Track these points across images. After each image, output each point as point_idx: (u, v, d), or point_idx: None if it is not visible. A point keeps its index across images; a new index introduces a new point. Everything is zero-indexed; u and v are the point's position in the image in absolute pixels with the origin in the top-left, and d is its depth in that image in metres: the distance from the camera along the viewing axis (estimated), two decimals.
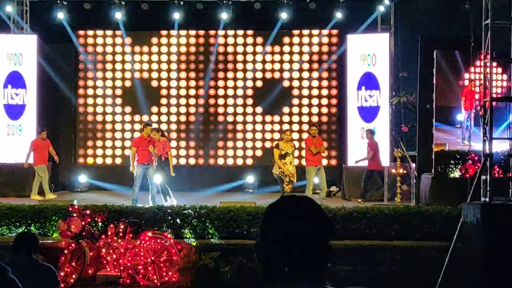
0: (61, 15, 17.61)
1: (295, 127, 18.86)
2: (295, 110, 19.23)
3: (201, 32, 19.42)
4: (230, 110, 19.34)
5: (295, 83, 19.28)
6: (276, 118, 19.22)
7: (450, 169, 14.48)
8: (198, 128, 19.43)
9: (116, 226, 11.73)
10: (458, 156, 14.47)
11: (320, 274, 2.19)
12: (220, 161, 19.38)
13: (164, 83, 19.47)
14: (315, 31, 19.02)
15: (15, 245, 5.76)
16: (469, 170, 13.97)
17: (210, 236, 12.44)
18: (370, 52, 16.89)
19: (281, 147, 15.05)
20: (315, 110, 19.18)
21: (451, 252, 10.97)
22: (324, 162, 16.79)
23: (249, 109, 19.34)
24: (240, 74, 19.36)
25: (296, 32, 19.14)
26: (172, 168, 15.50)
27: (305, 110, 19.20)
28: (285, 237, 2.17)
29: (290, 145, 15.22)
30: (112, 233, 11.59)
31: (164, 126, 18.74)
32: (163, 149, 15.42)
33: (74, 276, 11.04)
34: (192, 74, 19.47)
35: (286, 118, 19.18)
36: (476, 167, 13.24)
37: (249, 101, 19.34)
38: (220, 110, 19.43)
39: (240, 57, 19.37)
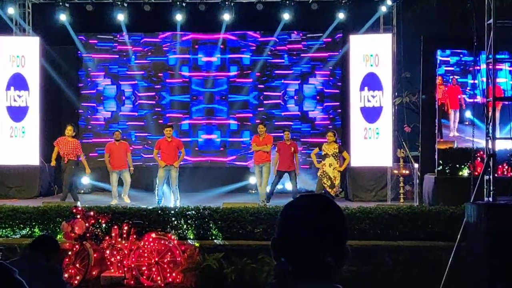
0: (63, 17, 17.62)
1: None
2: (298, 111, 19.28)
3: (204, 34, 19.46)
4: (233, 110, 19.39)
5: (298, 84, 19.32)
6: (279, 118, 19.25)
7: (459, 167, 14.45)
8: (201, 129, 19.46)
9: (120, 228, 11.73)
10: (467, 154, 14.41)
11: (331, 274, 2.18)
12: (223, 162, 19.40)
13: (166, 84, 19.51)
14: (318, 32, 19.07)
15: (32, 244, 5.77)
16: (477, 168, 13.90)
17: (213, 237, 12.44)
18: (372, 52, 16.87)
19: (323, 147, 14.97)
20: (317, 110, 19.22)
21: (455, 252, 10.95)
22: None
23: (252, 110, 19.37)
24: (242, 75, 19.39)
25: (298, 32, 19.18)
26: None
27: (308, 111, 19.24)
28: (298, 236, 2.16)
29: (333, 146, 15.03)
30: (116, 235, 11.59)
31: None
32: (73, 150, 15.28)
33: (78, 278, 11.05)
34: (194, 75, 19.50)
35: (288, 119, 19.20)
36: None
37: (252, 101, 19.37)
38: (223, 110, 19.46)
39: (242, 58, 19.41)
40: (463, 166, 14.43)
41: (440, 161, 14.60)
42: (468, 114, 15.30)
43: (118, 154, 15.88)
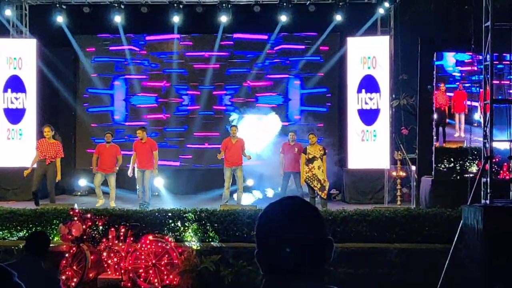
0: (60, 19, 17.61)
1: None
2: (295, 113, 19.27)
3: (201, 35, 19.46)
4: (230, 112, 19.36)
5: (295, 86, 19.31)
6: (276, 120, 19.21)
7: (467, 165, 14.44)
8: (198, 131, 19.44)
9: (117, 230, 11.73)
10: (476, 152, 14.39)
11: (316, 274, 2.16)
12: (221, 165, 19.35)
13: (163, 87, 19.49)
14: (315, 34, 19.05)
15: (26, 245, 5.78)
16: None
17: (210, 239, 12.42)
18: (370, 54, 16.90)
19: (309, 151, 14.80)
20: (315, 112, 19.22)
21: (451, 254, 10.96)
22: None
23: (249, 112, 19.33)
24: (239, 77, 19.38)
25: (295, 35, 19.17)
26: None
27: (305, 113, 19.23)
28: (280, 243, 2.15)
29: (319, 148, 14.90)
30: (113, 237, 11.59)
31: (164, 130, 18.81)
32: (56, 153, 15.05)
33: (75, 280, 11.03)
34: (192, 77, 19.48)
35: (286, 121, 19.19)
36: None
37: (249, 103, 19.34)
38: (220, 112, 19.44)
39: (239, 60, 19.39)
40: (472, 164, 14.40)
41: (440, 161, 14.58)
42: (476, 116, 15.29)
43: (106, 157, 15.74)
